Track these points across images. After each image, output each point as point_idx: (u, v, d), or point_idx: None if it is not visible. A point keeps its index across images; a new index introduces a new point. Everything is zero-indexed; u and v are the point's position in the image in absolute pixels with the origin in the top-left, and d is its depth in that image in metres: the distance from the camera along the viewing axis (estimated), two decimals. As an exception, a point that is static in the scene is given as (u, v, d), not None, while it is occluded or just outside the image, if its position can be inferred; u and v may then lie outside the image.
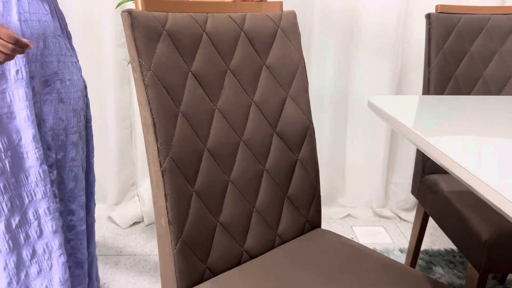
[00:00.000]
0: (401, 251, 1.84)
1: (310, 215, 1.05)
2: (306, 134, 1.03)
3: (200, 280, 0.86)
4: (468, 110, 1.01)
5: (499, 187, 0.56)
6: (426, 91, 1.43)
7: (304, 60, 1.03)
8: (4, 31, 0.81)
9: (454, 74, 1.44)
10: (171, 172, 0.80)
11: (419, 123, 0.88)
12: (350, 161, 2.14)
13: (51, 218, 0.98)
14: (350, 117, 2.07)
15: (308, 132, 1.03)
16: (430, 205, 1.38)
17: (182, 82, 0.83)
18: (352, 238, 1.91)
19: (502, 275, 1.63)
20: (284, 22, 1.00)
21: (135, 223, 2.04)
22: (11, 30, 0.81)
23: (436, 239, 1.96)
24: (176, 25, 0.82)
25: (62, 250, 1.00)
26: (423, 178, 1.44)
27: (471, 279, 1.10)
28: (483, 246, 1.05)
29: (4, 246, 0.93)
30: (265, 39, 0.97)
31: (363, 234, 2.01)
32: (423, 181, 1.43)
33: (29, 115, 0.94)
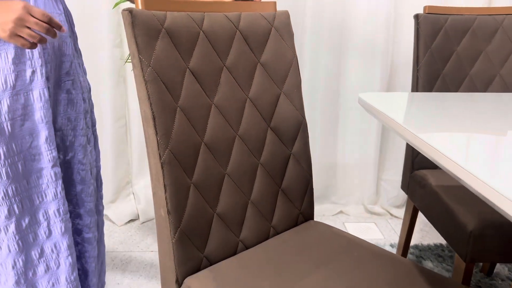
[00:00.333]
0: (392, 246, 1.89)
1: (303, 207, 1.09)
2: (299, 129, 1.07)
3: (197, 269, 0.89)
4: (455, 106, 1.05)
5: (488, 179, 0.59)
6: (415, 89, 1.48)
7: (297, 58, 1.07)
8: (38, 9, 0.79)
9: (442, 72, 1.49)
10: (170, 164, 0.83)
11: (409, 119, 0.92)
12: (341, 159, 2.19)
13: (61, 219, 0.98)
14: (341, 115, 2.12)
15: (301, 127, 1.07)
16: (419, 199, 1.42)
17: (180, 78, 0.87)
18: (344, 234, 1.95)
19: (489, 268, 1.68)
20: (278, 22, 1.04)
21: (131, 221, 2.07)
22: (42, 9, 0.79)
23: (425, 235, 2.01)
24: (174, 23, 0.86)
25: (71, 251, 1.00)
26: (412, 174, 1.49)
27: (458, 269, 1.14)
28: (468, 237, 1.10)
29: (14, 246, 0.93)
30: (259, 38, 1.00)
31: (355, 230, 2.06)
32: (413, 176, 1.48)
33: (43, 117, 0.93)
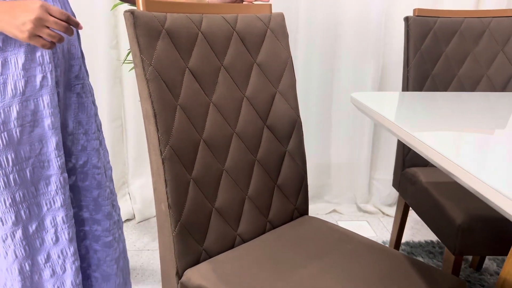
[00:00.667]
0: (384, 243, 1.93)
1: (298, 202, 1.12)
2: (294, 127, 1.10)
3: (197, 261, 0.92)
4: (445, 105, 1.09)
5: (477, 173, 0.62)
6: (406, 89, 1.52)
7: (291, 58, 1.11)
8: (56, 8, 0.78)
9: (431, 73, 1.53)
10: (170, 160, 0.86)
11: (400, 117, 0.96)
12: (334, 158, 2.23)
13: (68, 226, 0.98)
14: (334, 115, 2.16)
15: (296, 125, 1.11)
16: (410, 196, 1.46)
17: (180, 77, 0.90)
18: (337, 232, 1.98)
19: (478, 264, 1.73)
20: (273, 23, 1.07)
21: (127, 220, 2.09)
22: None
23: (417, 232, 2.06)
24: (174, 24, 0.89)
25: (76, 256, 1.00)
26: (403, 171, 1.53)
27: (447, 262, 1.18)
28: (457, 230, 1.14)
29: (21, 251, 0.93)
30: (255, 39, 1.04)
31: (348, 228, 2.10)
32: (404, 173, 1.52)
33: (53, 123, 0.91)
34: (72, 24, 0.81)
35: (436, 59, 1.53)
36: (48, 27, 0.79)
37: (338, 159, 2.22)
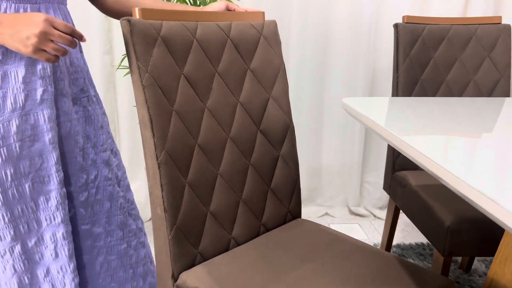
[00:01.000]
0: (375, 245, 1.96)
1: (291, 206, 1.14)
2: (287, 132, 1.13)
3: (192, 264, 0.94)
4: (433, 110, 1.12)
5: (464, 177, 0.64)
6: (395, 94, 1.55)
7: (284, 65, 1.13)
8: (60, 21, 0.75)
9: (420, 78, 1.57)
10: (166, 165, 0.88)
11: (390, 122, 0.99)
12: (326, 162, 2.26)
13: (68, 242, 0.95)
14: (325, 120, 2.19)
15: (288, 130, 1.13)
16: (400, 198, 1.49)
17: (176, 83, 0.92)
18: (329, 235, 2.01)
19: (467, 265, 1.76)
20: (266, 31, 1.10)
21: (120, 225, 2.09)
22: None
23: (407, 234, 2.09)
24: (169, 32, 0.91)
25: (76, 273, 0.98)
26: (393, 175, 1.56)
27: (437, 262, 1.21)
28: (446, 232, 1.17)
29: (20, 266, 0.92)
30: (249, 46, 1.06)
31: (340, 231, 2.12)
32: (394, 177, 1.55)
33: (53, 137, 0.89)
34: (76, 37, 0.79)
35: (425, 65, 1.57)
36: (52, 41, 0.77)
37: (329, 163, 2.25)
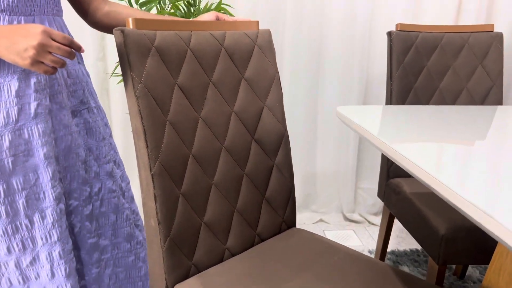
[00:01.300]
0: (370, 252, 1.96)
1: (286, 215, 1.14)
2: (281, 141, 1.12)
3: (186, 276, 0.93)
4: (426, 118, 1.13)
5: (457, 188, 0.63)
6: (389, 102, 1.56)
7: (278, 74, 1.13)
8: (58, 32, 0.74)
9: (414, 86, 1.58)
10: (160, 176, 0.87)
11: (383, 130, 0.99)
12: (321, 169, 2.26)
13: (65, 261, 0.92)
14: (320, 128, 2.19)
15: (283, 139, 1.13)
16: (394, 206, 1.49)
17: (170, 93, 0.91)
18: (324, 242, 2.00)
19: (461, 272, 1.76)
20: (260, 40, 1.09)
21: (113, 233, 2.07)
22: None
23: (402, 241, 2.09)
24: (163, 42, 0.91)
25: None
26: (388, 182, 1.56)
27: (431, 271, 1.21)
28: (441, 240, 1.17)
29: (16, 279, 0.90)
30: (243, 55, 1.06)
31: (335, 237, 2.12)
32: (388, 184, 1.55)
33: (48, 152, 0.87)
34: (74, 48, 0.78)
35: (418, 73, 1.57)
36: (50, 52, 0.75)
37: (324, 169, 2.25)
